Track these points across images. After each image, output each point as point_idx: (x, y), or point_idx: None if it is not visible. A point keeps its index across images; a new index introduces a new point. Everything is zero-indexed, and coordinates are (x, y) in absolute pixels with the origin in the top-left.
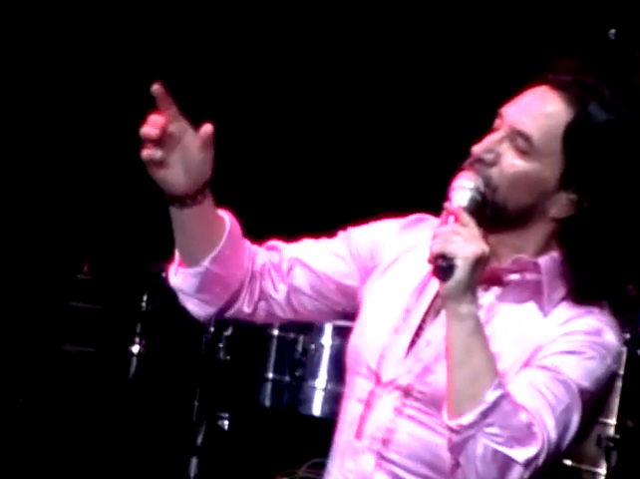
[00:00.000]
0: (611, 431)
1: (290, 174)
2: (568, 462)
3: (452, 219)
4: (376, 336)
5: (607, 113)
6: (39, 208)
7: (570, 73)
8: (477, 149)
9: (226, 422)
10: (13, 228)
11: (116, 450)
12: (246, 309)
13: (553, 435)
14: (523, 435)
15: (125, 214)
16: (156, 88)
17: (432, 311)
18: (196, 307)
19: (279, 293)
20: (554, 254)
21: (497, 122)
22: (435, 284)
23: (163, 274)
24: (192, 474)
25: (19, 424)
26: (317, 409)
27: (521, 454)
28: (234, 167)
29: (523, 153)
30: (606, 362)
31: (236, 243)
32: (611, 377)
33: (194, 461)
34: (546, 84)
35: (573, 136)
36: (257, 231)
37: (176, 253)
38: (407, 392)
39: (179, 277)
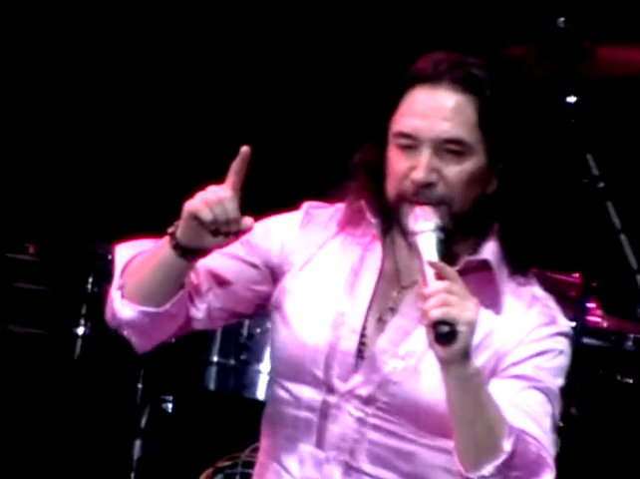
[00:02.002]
0: None
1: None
2: None
3: (430, 275)
4: (314, 343)
5: (499, 89)
6: None
7: (454, 66)
8: (419, 175)
9: (170, 405)
10: None
11: (60, 432)
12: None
13: (553, 451)
14: (537, 466)
15: (71, 195)
16: (245, 150)
17: (371, 315)
18: (139, 340)
19: (200, 312)
20: (494, 242)
21: (403, 142)
22: (366, 283)
23: (109, 257)
24: (136, 456)
25: None
26: (261, 393)
27: None
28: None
29: (459, 155)
30: (569, 351)
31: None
32: None
33: (138, 443)
34: (433, 83)
35: (486, 117)
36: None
37: (127, 288)
38: (368, 402)
39: (131, 313)
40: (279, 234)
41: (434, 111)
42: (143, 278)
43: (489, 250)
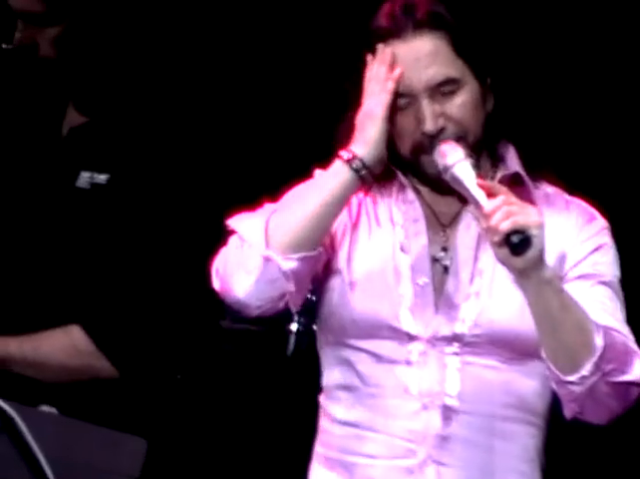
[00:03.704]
0: None
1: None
2: None
3: (482, 196)
4: (388, 298)
5: (458, 13)
6: None
7: (410, 11)
8: (428, 126)
9: None
10: None
11: (273, 425)
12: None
13: (632, 337)
14: (627, 356)
15: None
16: None
17: (427, 258)
18: (297, 294)
19: None
20: (511, 157)
21: (399, 102)
22: (418, 231)
23: None
24: None
25: (178, 400)
26: None
27: (634, 374)
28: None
29: (454, 91)
30: (613, 242)
31: None
32: None
33: None
34: (401, 37)
35: (460, 46)
36: None
37: (275, 243)
38: (454, 340)
39: (293, 264)
40: None
41: (415, 62)
42: (298, 223)
43: (514, 164)
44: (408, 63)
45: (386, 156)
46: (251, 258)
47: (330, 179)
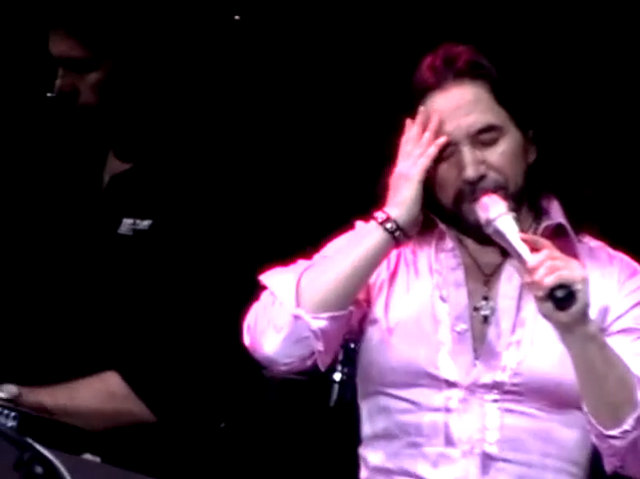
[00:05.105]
0: None
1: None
2: None
3: (525, 250)
4: (426, 346)
5: (500, 63)
6: None
7: (450, 63)
8: (469, 173)
9: None
10: None
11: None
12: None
13: None
14: None
15: None
16: None
17: (469, 307)
18: (326, 354)
19: None
20: (555, 209)
21: (444, 151)
22: (457, 280)
23: None
24: None
25: (221, 449)
26: None
27: None
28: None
29: (495, 139)
30: None
31: None
32: None
33: None
34: (442, 88)
35: (501, 94)
36: None
37: (305, 301)
38: (494, 388)
39: (322, 322)
40: None
41: (456, 110)
42: (330, 282)
43: (557, 216)
44: (449, 111)
45: (421, 217)
46: (281, 316)
47: (364, 239)
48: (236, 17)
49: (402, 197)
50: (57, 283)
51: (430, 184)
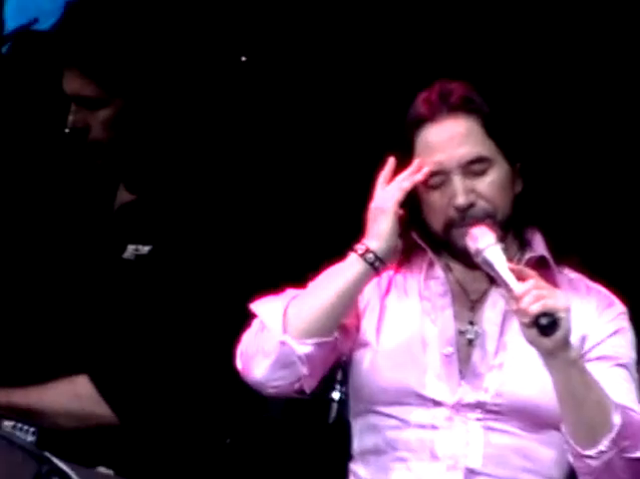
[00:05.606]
0: None
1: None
2: None
3: (512, 279)
4: (414, 367)
5: (491, 99)
6: None
7: (445, 97)
8: (460, 201)
9: None
10: None
11: None
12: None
13: None
14: None
15: None
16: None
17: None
18: (311, 379)
19: None
20: (537, 240)
21: (433, 180)
22: (444, 305)
23: None
24: None
25: (227, 462)
26: None
27: None
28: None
29: (484, 170)
30: (631, 326)
31: None
32: None
33: None
34: (436, 120)
35: (491, 128)
36: None
37: (292, 327)
38: (477, 407)
39: (308, 348)
40: None
41: (449, 142)
42: (314, 310)
43: (540, 247)
44: (442, 142)
45: (400, 246)
46: (269, 342)
47: (345, 271)
48: (243, 58)
49: (379, 229)
50: (59, 297)
51: (421, 210)
